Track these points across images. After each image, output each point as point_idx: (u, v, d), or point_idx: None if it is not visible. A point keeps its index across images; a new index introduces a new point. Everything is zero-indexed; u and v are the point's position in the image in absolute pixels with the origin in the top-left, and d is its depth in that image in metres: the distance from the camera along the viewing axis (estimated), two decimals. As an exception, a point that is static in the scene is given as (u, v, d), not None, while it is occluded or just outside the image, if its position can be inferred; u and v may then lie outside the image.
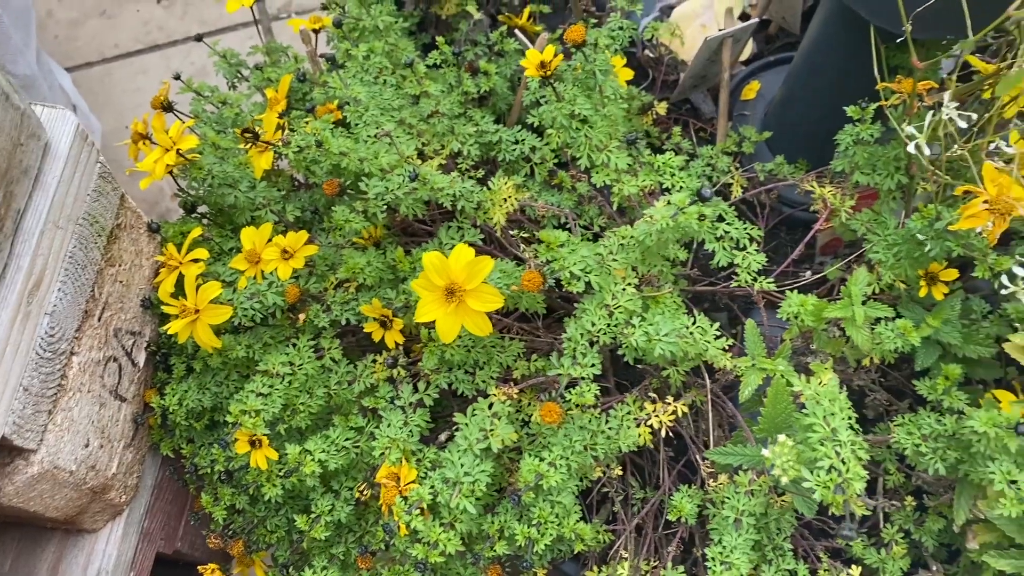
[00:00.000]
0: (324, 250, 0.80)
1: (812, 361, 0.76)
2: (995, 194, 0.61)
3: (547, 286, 0.65)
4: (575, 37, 0.68)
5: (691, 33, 1.04)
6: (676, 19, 1.03)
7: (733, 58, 1.00)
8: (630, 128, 0.93)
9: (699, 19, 1.04)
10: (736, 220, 0.75)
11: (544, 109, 0.74)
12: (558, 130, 0.73)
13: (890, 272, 0.74)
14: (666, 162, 0.76)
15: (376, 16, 0.86)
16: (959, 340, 0.75)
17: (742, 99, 1.03)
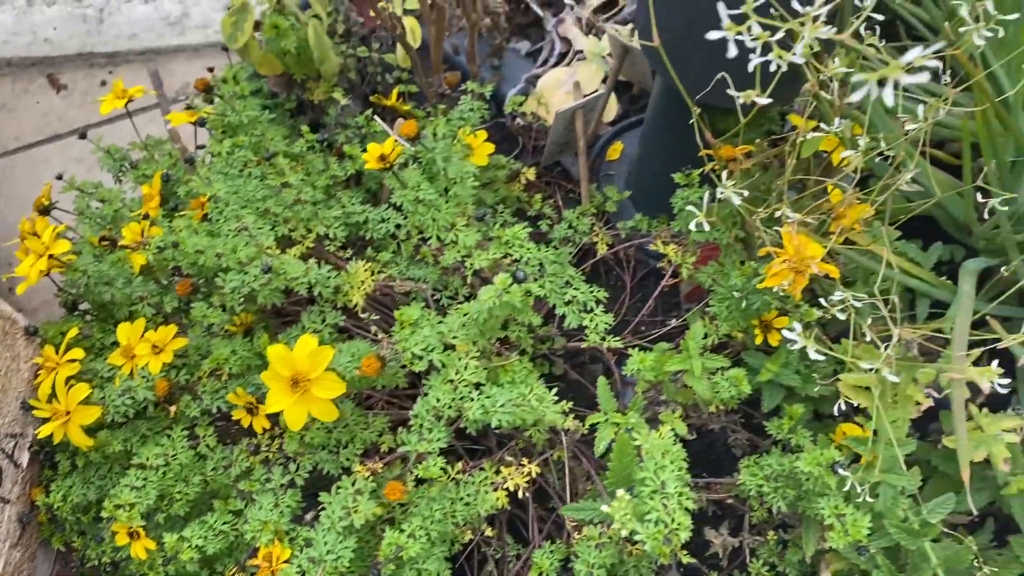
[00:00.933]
0: (197, 340, 0.83)
1: (664, 411, 0.81)
2: (793, 253, 0.67)
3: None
4: (408, 132, 0.73)
5: (557, 100, 1.10)
6: (541, 89, 1.09)
7: (594, 124, 1.05)
8: (496, 198, 0.98)
9: (563, 87, 1.10)
10: (583, 284, 0.80)
11: (397, 194, 0.78)
12: (410, 213, 0.78)
13: (726, 324, 0.79)
14: (514, 235, 0.80)
15: (241, 111, 0.90)
16: (798, 382, 0.81)
17: (608, 159, 1.09)
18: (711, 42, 0.60)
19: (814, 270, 0.65)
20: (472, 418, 0.65)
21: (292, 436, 0.74)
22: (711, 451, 0.96)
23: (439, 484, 0.68)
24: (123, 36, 1.51)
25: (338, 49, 0.99)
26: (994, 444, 0.70)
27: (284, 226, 0.84)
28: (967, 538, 0.81)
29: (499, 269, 0.82)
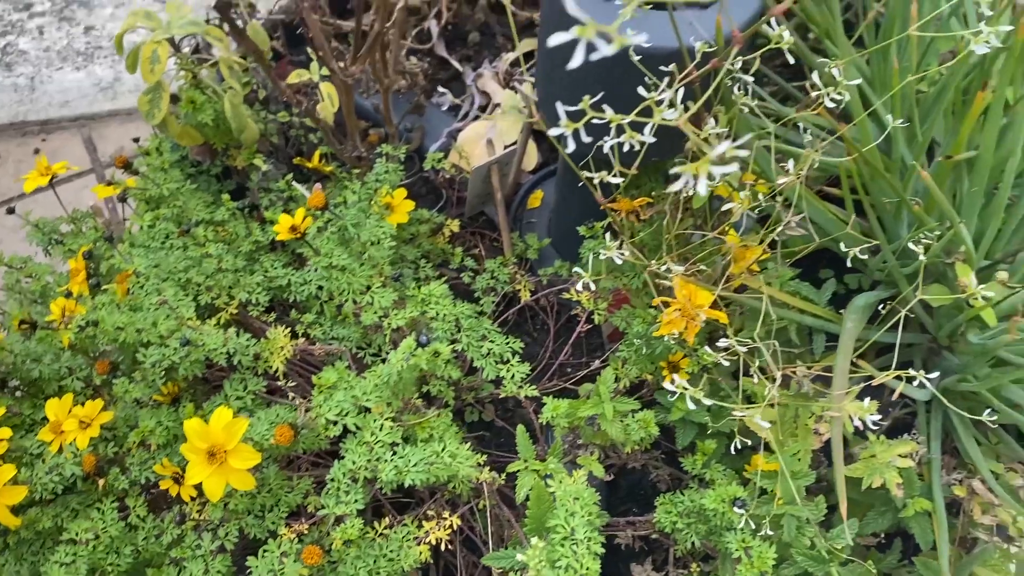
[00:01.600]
0: (126, 411, 0.84)
1: (582, 455, 0.84)
2: (684, 302, 0.71)
3: (315, 429, 0.71)
4: (315, 204, 0.76)
5: (477, 153, 1.13)
6: (462, 142, 1.13)
7: (512, 174, 1.09)
8: (419, 252, 1.01)
9: (482, 140, 1.14)
10: (499, 337, 0.84)
11: (312, 261, 0.81)
12: (325, 279, 0.80)
13: (635, 367, 0.82)
14: (430, 293, 0.83)
15: (163, 184, 0.92)
16: (709, 419, 0.84)
17: (529, 207, 1.13)
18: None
19: (702, 318, 0.69)
20: (386, 479, 0.68)
21: (215, 504, 0.76)
22: (640, 486, 0.99)
23: (360, 543, 0.71)
24: (55, 103, 1.53)
25: (258, 115, 1.02)
26: (887, 471, 0.74)
27: (207, 294, 0.86)
28: (881, 558, 0.85)
29: (418, 326, 0.85)
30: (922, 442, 0.84)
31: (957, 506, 0.84)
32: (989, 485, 0.76)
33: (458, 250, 1.01)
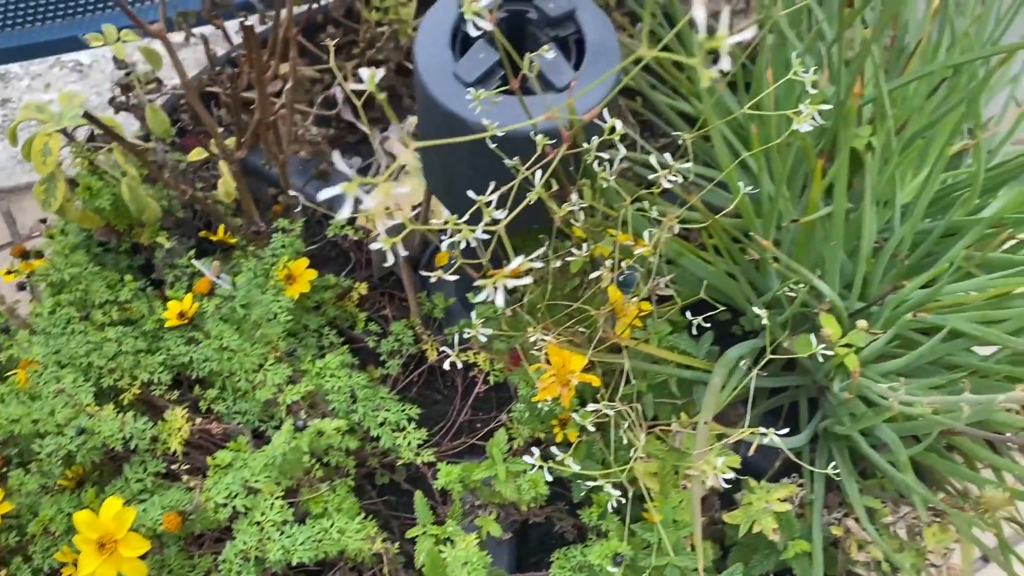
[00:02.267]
0: (31, 498, 0.86)
1: (482, 515, 0.86)
2: (558, 367, 0.74)
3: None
4: (201, 289, 0.78)
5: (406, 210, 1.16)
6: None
7: (418, 235, 1.12)
8: (324, 320, 1.04)
9: (411, 199, 1.17)
10: (395, 404, 0.86)
11: (203, 344, 0.83)
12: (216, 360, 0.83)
13: (526, 427, 0.86)
14: (326, 365, 0.86)
15: (64, 268, 0.94)
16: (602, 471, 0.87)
17: (437, 265, 1.16)
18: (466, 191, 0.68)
19: (574, 382, 0.72)
20: (274, 559, 0.70)
21: (113, 592, 0.77)
22: (551, 536, 1.01)
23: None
24: (-27, 177, 1.54)
25: (161, 192, 1.05)
26: (763, 516, 0.77)
27: (109, 377, 0.88)
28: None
29: (316, 398, 0.87)
30: (806, 483, 0.88)
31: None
32: (863, 523, 0.79)
33: (362, 315, 1.03)
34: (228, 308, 0.84)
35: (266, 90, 0.82)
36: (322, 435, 0.72)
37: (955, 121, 0.91)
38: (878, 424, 0.85)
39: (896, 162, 0.81)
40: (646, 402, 0.86)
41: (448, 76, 0.74)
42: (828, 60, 0.92)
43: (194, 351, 0.92)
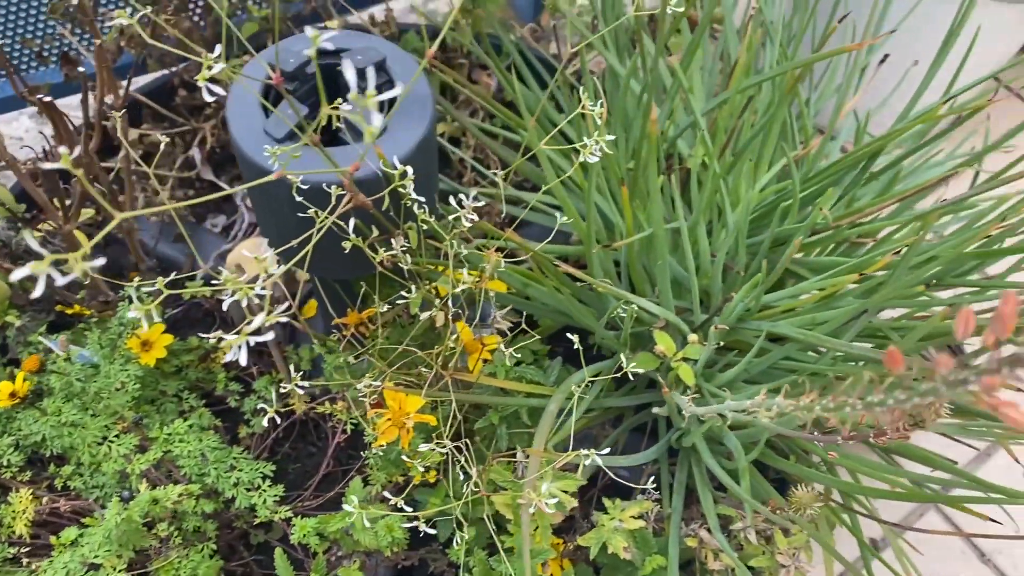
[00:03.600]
0: None
1: (346, 565, 0.86)
2: (396, 410, 0.75)
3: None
4: (30, 367, 0.77)
5: (252, 268, 1.16)
6: (230, 262, 1.16)
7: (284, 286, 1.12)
8: (184, 383, 1.03)
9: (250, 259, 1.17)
10: (248, 464, 0.86)
11: (40, 421, 0.82)
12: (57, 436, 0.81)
13: (382, 472, 0.86)
14: (174, 431, 0.85)
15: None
16: (466, 508, 0.88)
17: (305, 317, 1.16)
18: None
19: (410, 424, 0.73)
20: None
21: None
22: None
23: None
24: None
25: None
26: (613, 536, 0.79)
27: (-44, 464, 0.86)
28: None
29: (169, 465, 0.86)
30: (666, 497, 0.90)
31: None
32: (714, 533, 0.81)
33: (221, 375, 1.03)
34: (65, 382, 0.82)
35: (92, 164, 0.81)
36: (157, 503, 0.71)
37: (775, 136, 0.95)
38: (725, 432, 0.88)
39: (714, 177, 0.84)
40: (500, 434, 0.87)
41: (260, 133, 0.75)
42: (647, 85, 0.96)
43: (44, 427, 0.90)
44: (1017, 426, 0.28)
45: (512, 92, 0.88)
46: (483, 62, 1.31)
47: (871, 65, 1.04)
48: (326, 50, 0.81)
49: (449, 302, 0.79)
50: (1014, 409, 0.28)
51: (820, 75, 1.07)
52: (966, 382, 0.30)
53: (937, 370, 0.31)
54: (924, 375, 0.32)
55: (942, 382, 0.31)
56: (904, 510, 1.29)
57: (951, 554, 1.26)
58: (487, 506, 0.88)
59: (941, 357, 0.31)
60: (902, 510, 1.29)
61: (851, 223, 0.87)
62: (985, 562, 1.26)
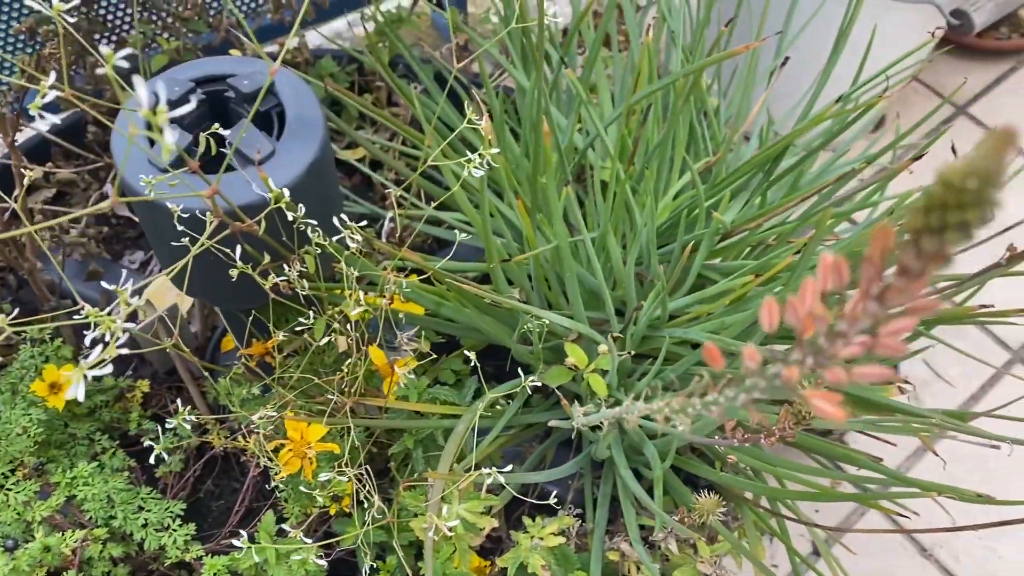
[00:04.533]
0: None
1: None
2: (297, 440, 0.73)
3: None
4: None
5: (161, 303, 1.14)
6: (146, 297, 1.13)
7: (199, 321, 1.10)
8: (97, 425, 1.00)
9: (172, 290, 1.15)
10: (156, 504, 0.83)
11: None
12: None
13: (296, 505, 0.84)
14: (78, 474, 0.82)
15: None
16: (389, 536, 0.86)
17: (224, 350, 1.13)
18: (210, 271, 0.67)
19: (311, 454, 0.71)
20: None
21: None
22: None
23: None
24: None
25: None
26: (531, 555, 0.77)
27: None
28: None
29: (74, 511, 0.84)
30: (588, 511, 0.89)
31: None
32: (634, 544, 0.80)
33: (134, 415, 1.00)
34: (-46, 431, 0.80)
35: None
36: (49, 550, 0.69)
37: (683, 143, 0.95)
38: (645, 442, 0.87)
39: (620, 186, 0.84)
40: (416, 457, 0.85)
41: (144, 162, 0.73)
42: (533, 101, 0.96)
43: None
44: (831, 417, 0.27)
45: (415, 110, 0.88)
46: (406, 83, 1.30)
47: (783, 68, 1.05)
48: (213, 76, 0.79)
49: (349, 326, 0.77)
50: (826, 401, 0.27)
51: (728, 81, 1.07)
52: (777, 376, 0.30)
53: (746, 363, 0.30)
54: (745, 371, 0.31)
55: (757, 376, 0.31)
56: (845, 510, 1.29)
57: (892, 550, 1.27)
58: (412, 532, 0.87)
59: (748, 350, 0.30)
60: (843, 510, 1.29)
61: (757, 226, 0.87)
62: (927, 556, 1.27)
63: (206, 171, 0.73)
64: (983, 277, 0.75)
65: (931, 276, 0.24)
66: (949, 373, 1.45)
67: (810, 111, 0.95)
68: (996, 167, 0.19)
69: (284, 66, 1.15)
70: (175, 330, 1.05)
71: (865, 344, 0.26)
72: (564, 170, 0.87)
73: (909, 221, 0.22)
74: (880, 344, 0.25)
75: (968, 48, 1.89)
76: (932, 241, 0.21)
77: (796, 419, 0.55)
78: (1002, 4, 1.43)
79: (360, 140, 1.01)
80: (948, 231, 0.21)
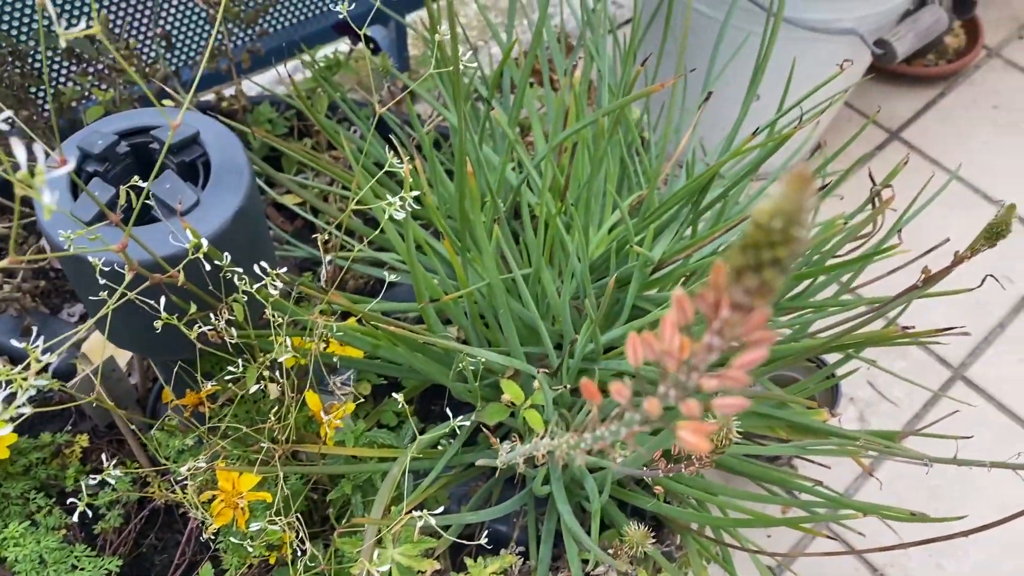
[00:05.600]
0: None
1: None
2: (229, 490, 0.72)
3: None
4: None
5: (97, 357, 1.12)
6: (84, 351, 1.12)
7: (138, 374, 1.09)
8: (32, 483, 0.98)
9: (110, 344, 1.13)
10: (92, 561, 0.82)
11: None
12: None
13: (235, 556, 0.83)
14: (8, 535, 0.81)
15: None
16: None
17: (166, 401, 1.12)
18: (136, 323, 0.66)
19: (242, 504, 0.71)
20: None
21: None
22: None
23: None
24: None
25: None
26: (472, 596, 0.77)
27: None
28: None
29: (5, 573, 0.82)
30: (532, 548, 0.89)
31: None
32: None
33: (71, 471, 0.98)
34: None
35: None
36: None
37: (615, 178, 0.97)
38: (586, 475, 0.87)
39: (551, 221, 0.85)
40: (356, 503, 0.84)
41: (67, 218, 0.73)
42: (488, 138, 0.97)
43: None
44: (695, 449, 0.28)
45: (346, 152, 0.88)
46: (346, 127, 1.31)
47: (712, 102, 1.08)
48: (139, 128, 0.80)
49: (284, 372, 0.77)
50: (692, 432, 0.28)
51: (656, 116, 1.10)
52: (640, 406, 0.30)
53: (615, 398, 0.31)
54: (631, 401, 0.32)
55: (629, 410, 0.32)
56: (796, 535, 1.30)
57: (846, 572, 1.28)
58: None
59: (616, 386, 0.31)
60: (794, 535, 1.30)
61: (687, 256, 0.89)
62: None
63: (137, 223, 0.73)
64: (901, 300, 0.77)
65: (765, 309, 0.25)
66: (894, 394, 1.47)
67: (732, 143, 0.97)
68: (797, 207, 0.20)
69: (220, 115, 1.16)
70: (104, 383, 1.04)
71: (719, 377, 0.27)
72: (496, 207, 0.88)
73: (731, 259, 0.22)
74: (728, 376, 0.26)
75: (898, 75, 1.95)
76: (752, 278, 0.22)
77: (713, 448, 0.56)
78: (922, 34, 1.48)
79: (292, 186, 1.02)
80: (764, 268, 0.22)
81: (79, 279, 0.77)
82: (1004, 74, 2.03)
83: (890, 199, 0.76)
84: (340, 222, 0.74)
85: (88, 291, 0.78)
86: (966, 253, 0.64)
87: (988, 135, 1.90)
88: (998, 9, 2.16)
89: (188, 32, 1.34)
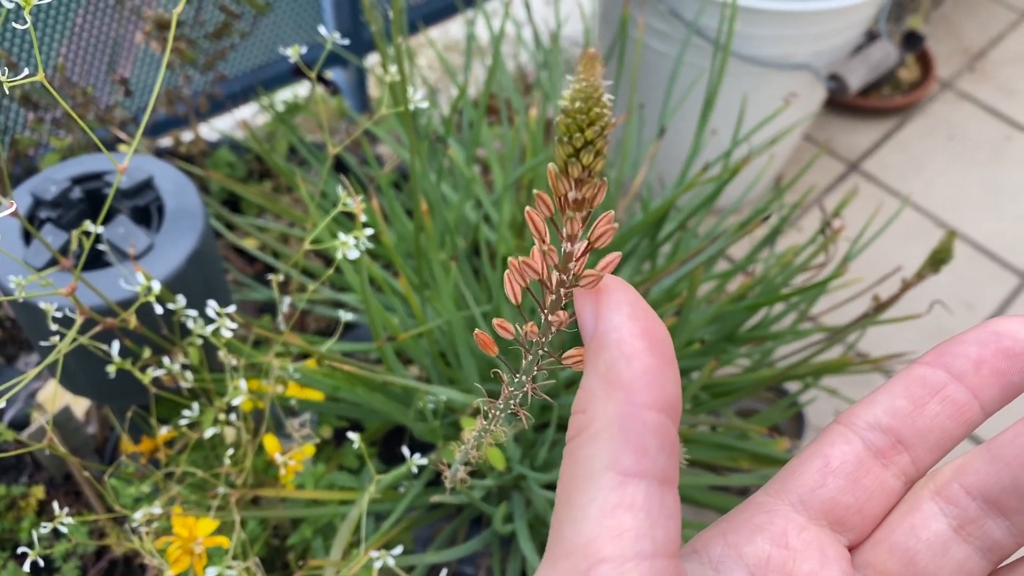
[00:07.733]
0: None
1: None
2: (185, 536, 0.71)
3: None
4: None
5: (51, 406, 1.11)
6: (40, 401, 1.10)
7: (96, 423, 1.07)
8: None
9: (66, 393, 1.11)
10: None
11: None
12: None
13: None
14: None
15: None
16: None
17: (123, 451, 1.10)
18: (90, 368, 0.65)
19: (199, 549, 0.69)
20: None
21: None
22: None
23: None
24: None
25: None
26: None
27: None
28: None
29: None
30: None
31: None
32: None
33: (26, 523, 0.96)
34: None
35: None
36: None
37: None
38: (548, 513, 0.86)
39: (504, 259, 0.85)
40: (316, 546, 0.83)
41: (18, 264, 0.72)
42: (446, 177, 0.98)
43: None
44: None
45: (301, 193, 0.89)
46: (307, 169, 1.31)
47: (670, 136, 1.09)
48: (93, 174, 0.79)
49: (239, 416, 0.76)
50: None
51: (615, 153, 1.11)
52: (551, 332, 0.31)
53: (528, 337, 0.31)
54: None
55: (537, 345, 0.32)
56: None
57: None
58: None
59: (499, 320, 0.31)
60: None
61: (646, 290, 0.90)
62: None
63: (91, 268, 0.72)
64: (855, 327, 0.77)
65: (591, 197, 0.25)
66: (859, 421, 1.48)
67: (685, 176, 0.98)
68: (593, 87, 0.21)
69: (178, 159, 1.16)
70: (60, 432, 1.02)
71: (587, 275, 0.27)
72: (454, 244, 0.88)
73: (556, 154, 0.23)
74: (580, 272, 0.26)
75: (857, 109, 2.00)
76: (575, 166, 0.23)
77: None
78: (874, 67, 1.52)
79: (251, 230, 1.02)
80: (582, 152, 0.22)
81: (31, 326, 0.76)
82: (956, 106, 2.09)
83: (840, 229, 0.77)
84: (295, 261, 0.74)
85: (41, 337, 0.77)
86: (913, 279, 0.66)
87: (943, 165, 1.95)
88: (948, 43, 2.22)
89: (146, 78, 1.34)
